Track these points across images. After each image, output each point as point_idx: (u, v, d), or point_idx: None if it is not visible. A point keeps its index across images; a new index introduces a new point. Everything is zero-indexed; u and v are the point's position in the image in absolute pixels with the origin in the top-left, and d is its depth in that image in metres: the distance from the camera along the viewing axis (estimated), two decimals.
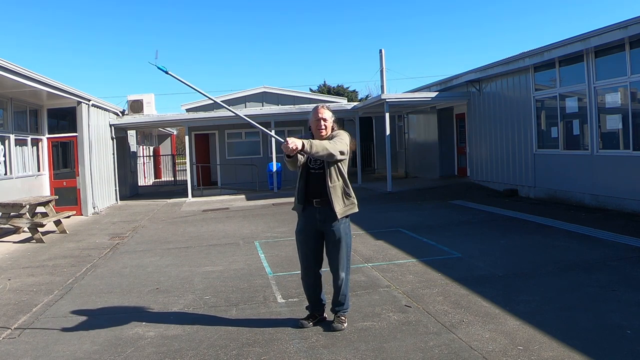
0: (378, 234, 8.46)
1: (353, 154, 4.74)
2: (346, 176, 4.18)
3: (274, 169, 16.92)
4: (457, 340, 3.90)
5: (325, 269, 4.32)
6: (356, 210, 4.24)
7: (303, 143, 3.77)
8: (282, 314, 4.69)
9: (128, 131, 18.85)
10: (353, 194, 4.22)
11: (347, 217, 4.21)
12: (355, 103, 18.73)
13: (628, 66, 9.22)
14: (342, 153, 4.03)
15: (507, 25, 76.41)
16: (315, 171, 4.16)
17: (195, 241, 8.75)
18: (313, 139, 4.09)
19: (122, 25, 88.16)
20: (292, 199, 4.38)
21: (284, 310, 4.81)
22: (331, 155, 3.94)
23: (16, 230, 9.85)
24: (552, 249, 6.81)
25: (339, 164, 4.12)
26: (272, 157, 17.20)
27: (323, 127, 4.15)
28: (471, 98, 15.10)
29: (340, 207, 4.10)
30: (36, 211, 10.04)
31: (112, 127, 15.96)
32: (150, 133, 27.80)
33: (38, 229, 9.16)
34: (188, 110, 19.89)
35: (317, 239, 4.24)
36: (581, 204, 10.50)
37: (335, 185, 4.09)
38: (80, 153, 13.00)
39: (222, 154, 19.69)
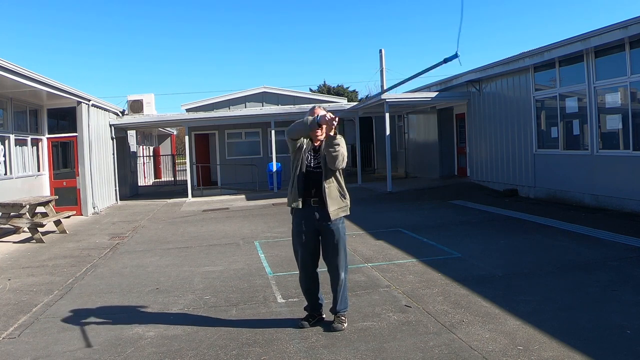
0: (378, 233, 8.46)
1: (353, 154, 4.79)
2: (340, 178, 4.21)
3: (274, 169, 16.91)
4: (457, 340, 3.89)
5: (321, 269, 4.32)
6: (347, 213, 4.26)
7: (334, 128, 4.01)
8: (282, 314, 4.69)
9: (128, 131, 18.85)
10: (347, 196, 4.25)
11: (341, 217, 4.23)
12: (355, 103, 18.71)
13: (628, 66, 9.22)
14: (344, 159, 4.10)
15: (507, 25, 76.47)
16: (314, 170, 4.16)
17: (195, 241, 8.75)
18: (310, 140, 4.26)
19: (123, 25, 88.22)
20: None
21: (284, 310, 4.81)
22: (339, 157, 4.00)
23: (16, 230, 9.85)
24: (552, 249, 6.81)
25: None
26: (272, 157, 17.19)
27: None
28: (471, 98, 15.10)
29: (334, 207, 4.11)
30: (36, 211, 10.04)
31: (112, 127, 15.96)
32: (150, 133, 27.80)
33: (38, 229, 9.16)
34: (188, 110, 19.89)
35: (316, 240, 4.22)
36: (581, 204, 10.50)
37: (331, 186, 4.13)
38: (80, 153, 13.00)
39: (222, 154, 19.69)
